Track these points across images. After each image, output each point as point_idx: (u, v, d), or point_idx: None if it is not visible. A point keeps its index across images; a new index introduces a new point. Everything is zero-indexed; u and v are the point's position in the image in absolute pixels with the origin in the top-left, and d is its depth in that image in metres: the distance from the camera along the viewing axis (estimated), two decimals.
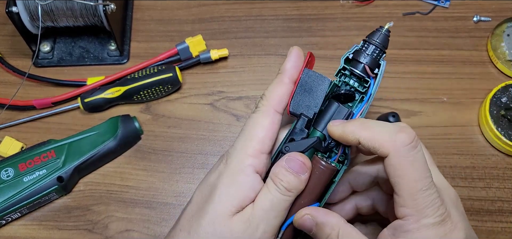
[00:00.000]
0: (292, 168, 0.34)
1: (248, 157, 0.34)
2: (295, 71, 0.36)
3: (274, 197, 0.34)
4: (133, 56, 0.58)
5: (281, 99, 0.36)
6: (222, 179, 0.34)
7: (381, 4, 0.61)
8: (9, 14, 0.51)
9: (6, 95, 0.55)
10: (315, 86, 0.36)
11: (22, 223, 0.48)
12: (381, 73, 0.35)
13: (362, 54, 0.35)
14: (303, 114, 0.36)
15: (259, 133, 0.35)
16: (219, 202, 0.34)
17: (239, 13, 0.61)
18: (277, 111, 0.36)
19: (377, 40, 0.35)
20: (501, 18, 0.58)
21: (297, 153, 0.35)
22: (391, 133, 0.32)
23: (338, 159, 0.36)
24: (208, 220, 0.33)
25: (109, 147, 0.50)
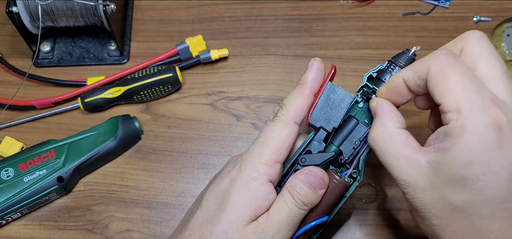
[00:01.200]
0: (310, 183, 0.34)
1: (263, 166, 0.34)
2: (316, 84, 0.36)
3: (291, 210, 0.34)
4: (133, 56, 0.58)
5: (301, 110, 0.36)
6: (235, 186, 0.34)
7: (381, 4, 0.61)
8: (9, 14, 0.51)
9: (6, 95, 0.55)
10: (337, 101, 0.36)
11: (22, 223, 0.48)
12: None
13: (387, 75, 0.35)
14: (322, 128, 0.36)
15: (276, 142, 0.35)
16: (233, 211, 0.33)
17: (239, 13, 0.61)
18: (296, 122, 0.35)
19: (403, 62, 0.35)
20: (501, 18, 0.58)
21: (316, 168, 0.35)
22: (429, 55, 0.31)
23: (351, 174, 0.36)
24: (222, 229, 0.33)
25: (109, 147, 0.50)
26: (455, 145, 0.28)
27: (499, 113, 0.27)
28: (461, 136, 0.28)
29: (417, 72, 0.31)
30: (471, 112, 0.28)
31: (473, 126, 0.27)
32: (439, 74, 0.30)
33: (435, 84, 0.30)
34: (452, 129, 0.28)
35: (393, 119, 0.33)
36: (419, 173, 0.30)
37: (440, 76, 0.29)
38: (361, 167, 0.36)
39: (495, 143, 0.27)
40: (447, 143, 0.29)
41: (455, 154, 0.28)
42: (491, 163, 0.28)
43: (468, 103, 0.28)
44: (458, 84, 0.29)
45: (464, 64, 0.30)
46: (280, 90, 0.55)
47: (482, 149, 0.27)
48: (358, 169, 0.36)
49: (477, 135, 0.27)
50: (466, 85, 0.28)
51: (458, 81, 0.29)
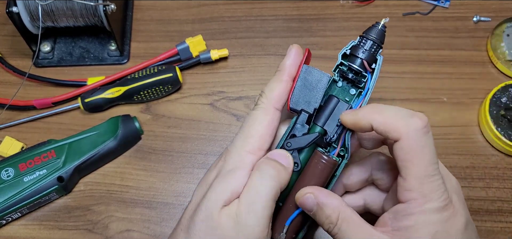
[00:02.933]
0: (274, 156, 0.35)
1: (247, 154, 0.35)
2: (294, 69, 0.37)
3: (258, 185, 0.33)
4: (133, 56, 0.58)
5: (280, 96, 0.36)
6: (219, 177, 0.35)
7: (381, 4, 0.61)
8: (9, 14, 0.51)
9: (6, 95, 0.55)
10: (314, 82, 0.37)
11: (22, 223, 0.48)
12: (378, 68, 0.36)
13: (360, 50, 0.36)
14: (303, 110, 0.37)
15: (259, 130, 0.35)
16: (211, 199, 0.34)
17: (239, 13, 0.61)
18: (276, 108, 0.36)
19: (374, 35, 0.36)
20: (501, 18, 0.58)
21: (281, 149, 0.36)
22: (404, 117, 0.32)
23: (338, 153, 0.36)
24: (202, 217, 0.34)
25: (109, 147, 0.50)
26: (419, 221, 0.32)
27: (447, 193, 0.32)
28: (422, 214, 0.32)
29: (387, 131, 0.33)
30: (430, 194, 0.32)
31: (433, 205, 0.32)
32: (408, 152, 0.32)
33: (400, 158, 0.32)
34: (414, 208, 0.32)
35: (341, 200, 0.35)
36: None
37: (408, 155, 0.32)
38: (347, 144, 0.36)
39: (449, 215, 0.32)
40: (409, 221, 0.32)
41: (419, 229, 0.32)
42: (449, 232, 0.32)
43: (429, 187, 0.32)
44: (421, 169, 0.32)
45: (431, 143, 0.32)
46: None
47: (441, 222, 0.32)
48: (345, 146, 0.36)
49: (437, 211, 0.32)
50: (428, 171, 0.32)
51: (422, 167, 0.32)
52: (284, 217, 0.36)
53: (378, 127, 0.33)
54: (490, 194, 0.49)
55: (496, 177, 0.50)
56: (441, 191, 0.32)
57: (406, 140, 0.32)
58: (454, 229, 0.32)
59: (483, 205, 0.49)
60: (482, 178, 0.50)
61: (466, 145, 0.52)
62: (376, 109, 0.33)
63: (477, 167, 0.50)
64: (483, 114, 0.51)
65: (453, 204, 0.33)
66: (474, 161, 0.51)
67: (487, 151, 0.51)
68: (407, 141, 0.32)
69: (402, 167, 0.32)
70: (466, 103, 0.54)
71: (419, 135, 0.32)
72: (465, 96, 0.54)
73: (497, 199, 0.49)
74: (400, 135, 0.32)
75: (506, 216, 0.48)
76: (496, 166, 0.50)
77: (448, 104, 0.54)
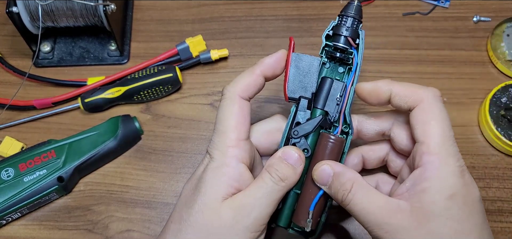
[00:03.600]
0: (287, 159, 0.36)
1: (228, 149, 0.35)
2: (270, 69, 0.38)
3: (268, 186, 0.35)
4: (133, 56, 0.58)
5: (247, 87, 0.37)
6: (207, 172, 0.35)
7: (381, 4, 0.61)
8: (9, 14, 0.51)
9: (6, 95, 0.55)
10: (307, 68, 0.38)
11: (22, 223, 0.48)
12: (362, 42, 0.37)
13: (342, 28, 0.37)
14: (302, 97, 0.38)
15: (230, 122, 0.36)
16: (206, 192, 0.34)
17: (239, 13, 0.61)
18: (242, 97, 0.37)
19: (353, 12, 0.37)
20: (501, 18, 0.58)
21: (292, 146, 0.37)
22: (421, 86, 0.35)
23: (342, 130, 0.37)
24: (197, 209, 0.34)
25: (109, 147, 0.50)
26: (437, 182, 0.32)
27: (462, 161, 0.33)
28: (440, 176, 0.32)
29: (408, 97, 0.35)
30: (447, 158, 0.33)
31: (450, 169, 0.32)
32: (428, 114, 0.34)
33: (420, 121, 0.34)
34: (431, 170, 0.33)
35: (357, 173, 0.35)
36: (402, 215, 0.32)
37: (428, 116, 0.34)
38: (348, 120, 0.37)
39: (464, 182, 0.33)
40: (427, 183, 0.32)
41: (438, 190, 0.32)
42: (466, 197, 0.32)
43: (446, 150, 0.33)
44: (440, 131, 0.33)
45: (446, 112, 0.34)
46: (280, 91, 0.55)
47: (458, 186, 0.32)
48: (346, 123, 0.37)
49: (454, 174, 0.32)
50: (446, 134, 0.33)
51: (440, 128, 0.33)
52: (305, 203, 0.37)
53: (398, 93, 0.35)
54: (490, 194, 0.49)
55: (496, 177, 0.50)
56: (457, 158, 0.33)
57: (426, 103, 0.34)
58: (470, 197, 0.33)
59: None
60: (482, 178, 0.50)
61: (466, 145, 0.52)
62: (393, 81, 0.36)
63: (477, 167, 0.50)
64: (483, 115, 0.51)
65: (468, 175, 0.33)
66: (474, 161, 0.51)
67: (487, 151, 0.51)
68: (428, 104, 0.34)
69: (421, 131, 0.34)
70: (466, 104, 0.54)
71: (437, 100, 0.34)
72: (465, 96, 0.54)
73: (497, 199, 0.49)
74: (422, 99, 0.34)
75: (506, 216, 0.48)
76: (496, 166, 0.50)
77: (448, 104, 0.54)
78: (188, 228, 0.34)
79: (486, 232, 0.33)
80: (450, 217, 0.31)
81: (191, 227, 0.34)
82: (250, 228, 0.34)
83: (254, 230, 0.34)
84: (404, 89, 0.35)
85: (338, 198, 0.35)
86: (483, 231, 0.32)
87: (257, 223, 0.34)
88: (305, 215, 0.36)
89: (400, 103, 0.35)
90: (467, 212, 0.32)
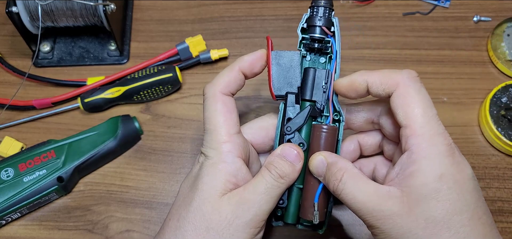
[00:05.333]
0: (286, 156, 0.36)
1: (221, 145, 0.36)
2: (248, 66, 0.38)
3: (268, 183, 0.35)
4: (133, 56, 0.58)
5: (227, 84, 0.37)
6: (204, 169, 0.35)
7: (381, 4, 0.61)
8: (9, 14, 0.51)
9: (6, 95, 0.55)
10: (288, 63, 0.38)
11: (22, 223, 0.48)
12: (337, 29, 0.37)
13: (316, 18, 0.37)
14: (288, 93, 0.38)
15: (219, 118, 0.36)
16: (204, 188, 0.35)
17: (239, 13, 0.61)
18: (224, 94, 0.37)
19: (323, 1, 0.37)
20: (501, 18, 0.58)
21: (290, 143, 0.37)
22: (396, 71, 0.35)
23: (333, 119, 0.38)
24: (195, 206, 0.34)
25: (109, 147, 0.50)
26: (424, 164, 0.32)
27: (450, 140, 0.33)
28: (427, 157, 0.32)
29: (384, 84, 0.34)
30: (433, 138, 0.32)
31: (437, 149, 0.32)
32: (406, 97, 0.33)
33: (400, 105, 0.34)
34: (418, 152, 0.32)
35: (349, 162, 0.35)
36: (393, 202, 0.32)
37: (407, 99, 0.33)
38: (338, 108, 0.38)
39: (453, 160, 0.32)
40: (415, 166, 0.32)
41: (426, 172, 0.31)
42: (456, 176, 0.32)
43: (430, 130, 0.32)
44: (421, 112, 0.33)
45: (426, 91, 0.34)
46: None
47: (447, 165, 0.32)
48: (336, 110, 0.38)
49: (441, 154, 0.32)
50: (428, 113, 0.33)
51: (421, 109, 0.33)
52: (309, 196, 0.37)
53: (374, 82, 0.35)
54: (490, 194, 0.49)
55: (496, 177, 0.50)
56: (444, 136, 0.32)
57: (402, 87, 0.34)
58: (461, 175, 0.32)
59: None
60: (482, 178, 0.50)
61: (466, 145, 0.52)
62: (368, 71, 0.36)
63: (477, 167, 0.50)
64: (484, 115, 0.51)
65: (457, 154, 0.33)
66: (474, 161, 0.51)
67: (488, 151, 0.51)
68: (404, 87, 0.33)
69: (403, 115, 0.33)
70: (466, 103, 0.54)
71: (414, 81, 0.34)
72: (465, 96, 0.54)
73: (498, 199, 0.49)
74: (396, 84, 0.34)
75: (506, 216, 0.48)
76: (496, 166, 0.50)
77: (448, 104, 0.54)
78: (187, 225, 0.34)
79: (480, 209, 0.32)
80: (441, 198, 0.31)
81: (190, 224, 0.34)
82: (249, 223, 0.34)
83: (253, 226, 0.34)
84: (379, 77, 0.34)
85: (330, 187, 0.35)
86: (477, 209, 0.32)
87: (257, 218, 0.34)
88: (311, 208, 0.37)
89: (378, 91, 0.35)
90: (458, 191, 0.31)
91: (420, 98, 0.33)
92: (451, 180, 0.31)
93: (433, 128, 0.32)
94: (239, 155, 0.36)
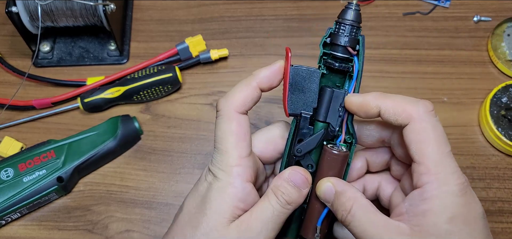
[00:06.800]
0: (294, 182, 0.35)
1: (232, 168, 0.34)
2: (267, 82, 0.36)
3: (275, 209, 0.34)
4: (133, 56, 0.58)
5: (244, 102, 0.35)
6: (212, 192, 0.34)
7: (381, 4, 0.61)
8: (9, 14, 0.51)
9: (6, 95, 0.54)
10: (306, 81, 0.36)
11: (22, 223, 0.48)
12: (362, 48, 0.35)
13: (341, 36, 0.35)
14: (303, 113, 0.36)
15: (232, 140, 0.34)
16: (212, 215, 0.34)
17: (239, 13, 0.60)
18: (239, 112, 0.35)
19: (351, 18, 0.35)
20: (501, 18, 0.58)
21: (299, 167, 0.35)
22: (412, 101, 0.33)
23: (345, 140, 0.36)
24: (202, 232, 0.33)
25: (109, 147, 0.49)
26: (436, 204, 0.31)
27: (464, 179, 0.32)
28: (440, 197, 0.31)
29: (397, 114, 0.33)
30: (446, 177, 0.31)
31: (449, 189, 0.31)
32: (421, 133, 0.32)
33: (413, 141, 0.32)
34: (430, 191, 0.31)
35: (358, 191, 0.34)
36: (403, 238, 0.31)
37: (421, 136, 0.32)
38: (351, 130, 0.36)
39: (465, 201, 0.31)
40: (426, 205, 0.31)
41: (438, 212, 0.31)
42: (467, 217, 0.31)
43: (444, 169, 0.32)
44: (435, 149, 0.32)
45: (441, 127, 0.33)
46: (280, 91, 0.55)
47: (458, 206, 0.31)
48: (349, 132, 0.36)
49: (453, 194, 0.31)
50: (443, 151, 0.32)
51: (436, 147, 0.32)
52: (313, 218, 0.36)
53: (387, 110, 0.33)
54: (490, 195, 0.49)
55: (496, 177, 0.50)
56: (457, 175, 0.32)
57: (418, 121, 0.32)
58: (472, 215, 0.31)
59: (483, 206, 0.47)
60: (482, 178, 0.50)
61: (466, 145, 0.52)
62: (383, 94, 0.34)
63: (477, 167, 0.50)
64: (484, 115, 0.51)
65: (469, 193, 0.32)
66: (475, 161, 0.51)
67: (488, 151, 0.51)
68: (419, 123, 0.32)
69: (416, 150, 0.32)
70: (467, 104, 0.54)
71: (430, 116, 0.32)
72: (466, 96, 0.54)
73: (498, 199, 0.49)
74: (411, 117, 0.32)
75: (507, 217, 0.48)
76: (496, 166, 0.50)
77: (449, 105, 0.54)
78: None
79: None
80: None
81: None
82: None
83: None
84: (393, 106, 0.33)
85: (339, 217, 0.34)
86: None
87: None
88: (313, 229, 0.36)
89: (390, 120, 0.33)
90: (468, 233, 0.31)
91: (435, 136, 0.32)
92: (462, 221, 0.31)
93: (447, 167, 0.32)
94: (249, 179, 0.35)
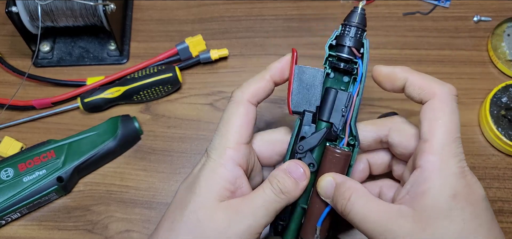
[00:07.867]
0: (291, 173, 0.35)
1: (227, 150, 0.35)
2: (279, 74, 0.37)
3: (267, 196, 0.34)
4: (133, 56, 0.58)
5: (256, 92, 0.36)
6: (203, 171, 0.35)
7: (381, 4, 0.61)
8: (9, 14, 0.51)
9: (6, 95, 0.54)
10: (310, 81, 0.37)
11: (22, 223, 0.48)
12: (367, 51, 0.36)
13: (346, 38, 0.36)
14: (306, 111, 0.37)
15: (235, 123, 0.35)
16: (200, 192, 0.34)
17: (239, 13, 0.60)
18: (251, 102, 0.36)
19: (356, 21, 0.36)
20: (501, 18, 0.58)
21: (299, 161, 0.36)
22: (439, 81, 0.34)
23: (348, 142, 0.37)
24: (190, 209, 0.34)
25: (109, 147, 0.49)
26: (438, 182, 0.31)
27: (465, 163, 0.32)
28: (441, 176, 0.31)
29: (422, 89, 0.34)
30: (448, 159, 0.32)
31: (450, 169, 0.32)
32: (438, 112, 0.33)
33: (428, 118, 0.33)
34: (432, 171, 0.32)
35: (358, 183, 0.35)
36: (404, 220, 0.31)
37: (437, 114, 0.33)
38: (355, 132, 0.36)
39: (466, 182, 0.32)
40: (427, 184, 0.31)
41: (439, 190, 0.31)
42: (469, 196, 0.31)
43: (449, 152, 0.32)
44: (446, 130, 0.32)
45: (458, 114, 0.33)
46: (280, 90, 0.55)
47: (460, 186, 0.31)
48: (352, 134, 0.36)
49: (454, 175, 0.31)
50: (452, 135, 0.32)
51: (447, 128, 0.32)
52: (312, 218, 0.36)
53: (413, 82, 0.34)
54: (490, 194, 0.49)
55: (496, 177, 0.50)
56: (459, 158, 0.32)
57: (439, 100, 0.33)
58: (474, 196, 0.32)
59: None
60: (482, 178, 0.50)
61: (466, 145, 0.51)
62: (411, 69, 0.35)
63: (477, 167, 0.50)
64: (484, 115, 0.51)
65: (470, 176, 0.32)
66: (475, 161, 0.51)
67: (488, 151, 0.51)
68: (440, 102, 0.33)
69: (428, 128, 0.33)
70: (467, 103, 0.54)
71: (452, 99, 0.33)
72: (466, 96, 0.54)
73: (498, 199, 0.49)
74: (434, 94, 0.33)
75: (507, 216, 0.48)
76: (496, 166, 0.50)
77: None
78: (180, 228, 0.34)
79: (495, 230, 0.32)
80: (454, 217, 0.31)
81: (184, 227, 0.34)
82: (242, 235, 0.33)
83: (247, 238, 0.33)
84: (420, 81, 0.34)
85: (338, 208, 0.34)
86: (491, 230, 0.31)
87: (251, 231, 0.33)
88: (312, 230, 0.36)
89: (413, 94, 0.34)
90: (471, 211, 0.31)
91: (450, 119, 0.32)
92: (464, 200, 0.31)
93: (452, 150, 0.32)
94: (240, 164, 0.35)
